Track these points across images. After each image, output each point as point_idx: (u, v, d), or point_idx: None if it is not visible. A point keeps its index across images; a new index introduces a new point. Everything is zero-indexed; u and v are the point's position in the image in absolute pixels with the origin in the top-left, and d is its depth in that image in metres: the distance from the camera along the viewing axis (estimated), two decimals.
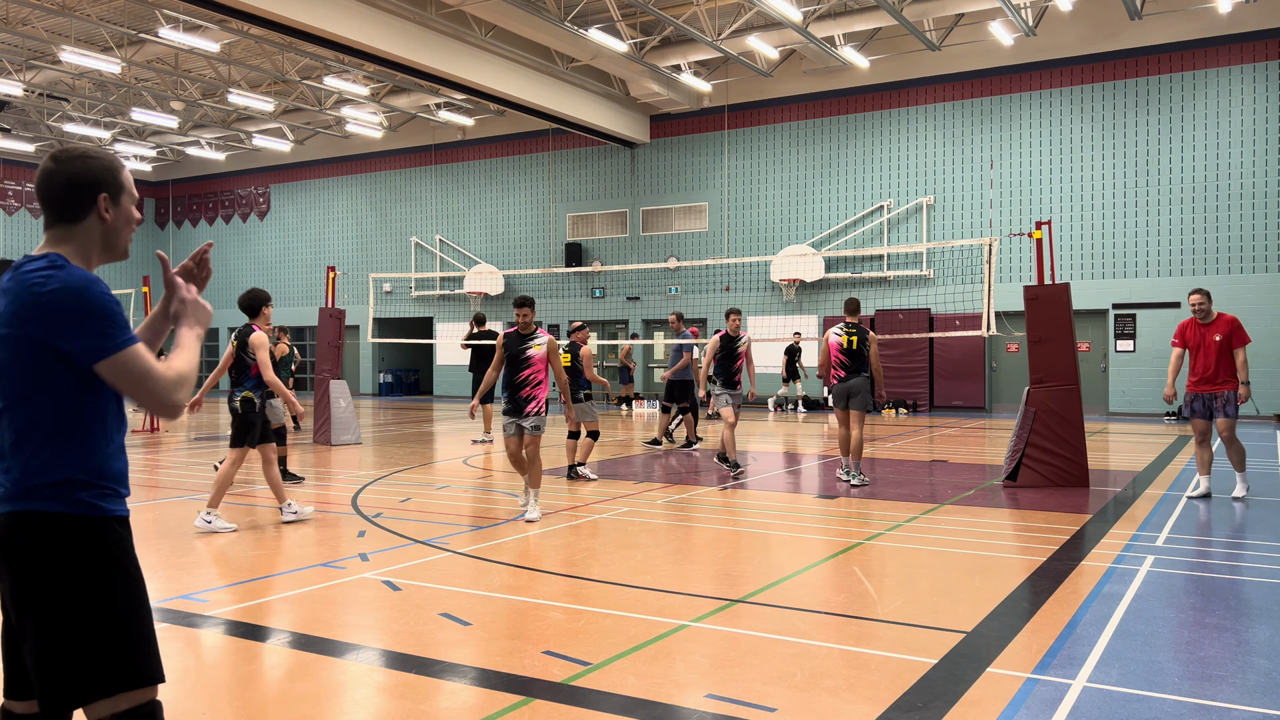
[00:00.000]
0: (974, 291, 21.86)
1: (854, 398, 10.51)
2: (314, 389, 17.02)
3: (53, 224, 2.47)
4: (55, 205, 2.45)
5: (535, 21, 20.04)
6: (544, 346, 8.58)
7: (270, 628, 5.25)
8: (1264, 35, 20.02)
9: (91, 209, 2.47)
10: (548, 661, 4.61)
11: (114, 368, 2.34)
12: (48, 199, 2.46)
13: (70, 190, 2.44)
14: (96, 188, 2.47)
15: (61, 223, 2.46)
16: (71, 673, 2.31)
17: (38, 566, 2.33)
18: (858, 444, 10.43)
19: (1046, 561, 6.69)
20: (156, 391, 2.39)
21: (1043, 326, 10.40)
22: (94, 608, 2.35)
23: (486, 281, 28.93)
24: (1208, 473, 9.47)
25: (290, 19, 17.74)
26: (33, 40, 22.25)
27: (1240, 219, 20.30)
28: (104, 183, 2.48)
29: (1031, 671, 4.43)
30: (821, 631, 5.14)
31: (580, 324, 11.96)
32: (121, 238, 2.54)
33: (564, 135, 28.34)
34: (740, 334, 11.48)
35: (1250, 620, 5.33)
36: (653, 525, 8.33)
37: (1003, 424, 19.46)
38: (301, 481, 11.03)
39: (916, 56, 23.09)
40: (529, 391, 8.53)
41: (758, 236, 25.63)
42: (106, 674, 2.34)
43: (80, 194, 2.45)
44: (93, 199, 2.47)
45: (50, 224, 2.48)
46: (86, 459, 2.40)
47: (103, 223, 2.49)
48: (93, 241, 2.49)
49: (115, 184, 2.50)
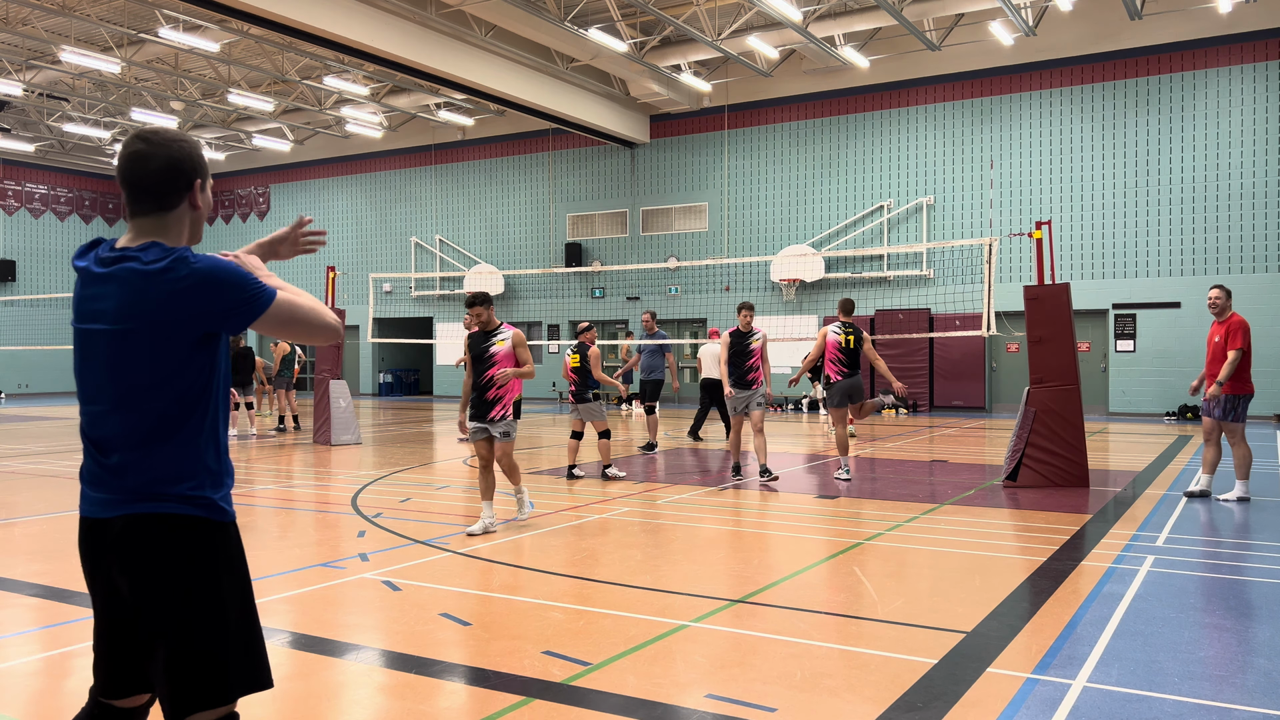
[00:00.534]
0: (974, 291, 21.86)
1: (855, 395, 10.92)
2: (314, 389, 17.01)
3: (145, 212, 2.31)
4: (151, 191, 2.30)
5: (535, 21, 20.04)
6: (509, 341, 7.99)
7: (270, 628, 5.25)
8: (1264, 35, 20.02)
9: (187, 194, 2.34)
10: (548, 661, 4.61)
11: (279, 310, 2.32)
12: (142, 185, 2.29)
13: (168, 175, 2.30)
14: (194, 172, 2.34)
15: (158, 210, 2.31)
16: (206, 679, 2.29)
17: (167, 573, 2.26)
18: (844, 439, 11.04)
19: (1046, 561, 6.69)
20: (317, 318, 2.39)
21: (1043, 326, 10.40)
22: (228, 614, 2.32)
23: (486, 281, 28.91)
24: (1210, 471, 9.45)
25: (290, 19, 17.73)
26: (33, 40, 22.25)
27: (1240, 219, 20.30)
28: (200, 167, 2.36)
29: (1031, 671, 4.43)
30: (821, 631, 5.14)
31: (587, 324, 11.95)
32: (202, 226, 2.44)
33: (564, 135, 28.34)
34: (753, 330, 10.91)
35: (1250, 620, 5.33)
36: (653, 525, 8.33)
37: (1003, 424, 19.46)
38: None
39: (916, 56, 23.09)
40: (495, 393, 7.93)
41: (758, 236, 25.62)
42: (236, 679, 2.33)
43: (178, 179, 2.31)
44: (189, 184, 2.33)
45: (140, 212, 2.31)
46: (208, 455, 2.34)
47: (194, 210, 2.37)
48: (184, 230, 2.37)
49: (206, 169, 2.39)
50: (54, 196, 34.64)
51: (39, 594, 6.02)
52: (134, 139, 2.33)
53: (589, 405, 11.32)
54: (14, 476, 10.88)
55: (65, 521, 8.50)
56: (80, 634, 5.15)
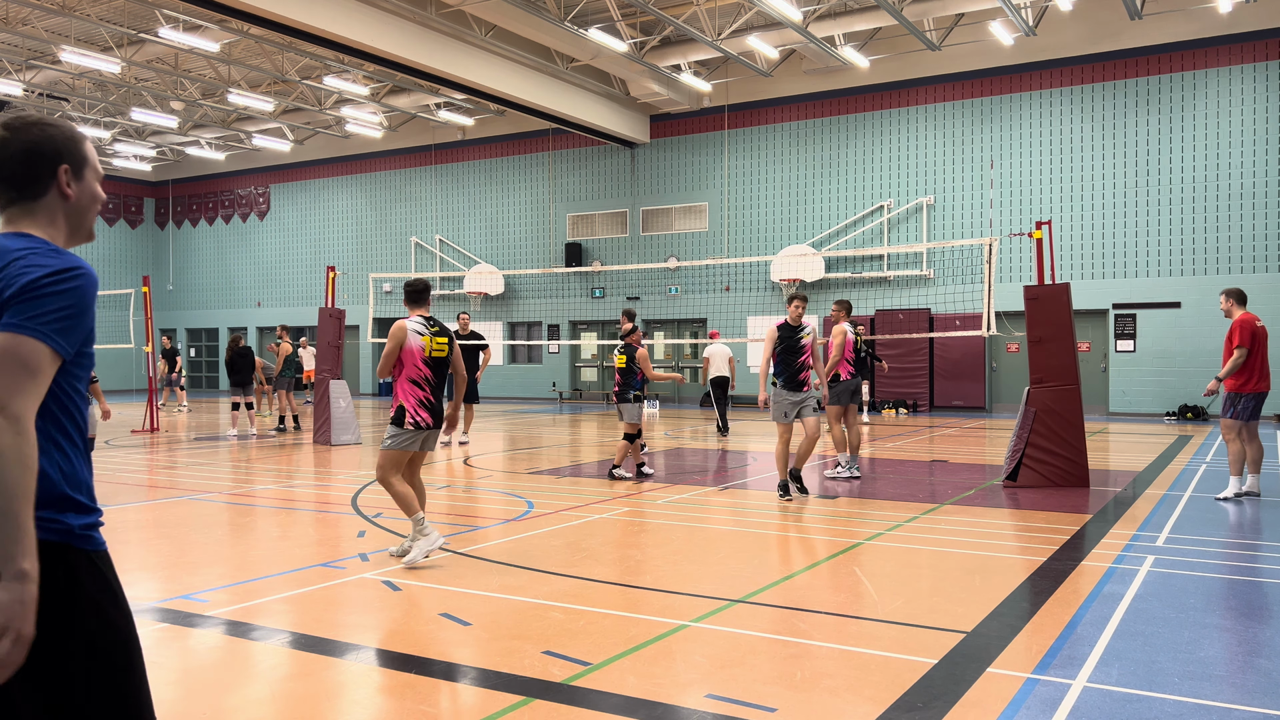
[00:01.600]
0: (974, 291, 21.86)
1: (856, 396, 11.16)
2: (314, 389, 17.02)
3: (10, 202, 2.16)
4: (12, 179, 2.14)
5: (535, 21, 20.05)
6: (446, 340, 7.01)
7: (270, 628, 5.25)
8: (1264, 35, 20.02)
9: (51, 183, 2.17)
10: (548, 661, 4.61)
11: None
12: (2, 172, 2.13)
13: (25, 161, 2.14)
14: (58, 158, 2.17)
15: (21, 200, 2.15)
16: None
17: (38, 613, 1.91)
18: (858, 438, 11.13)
19: (1047, 561, 6.69)
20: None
21: (1043, 326, 10.40)
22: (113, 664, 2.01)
23: (486, 281, 28.93)
24: (1239, 473, 9.39)
25: (290, 19, 17.74)
26: (33, 40, 22.25)
27: (1240, 219, 20.30)
28: (64, 153, 2.18)
29: (1032, 671, 4.43)
30: (821, 631, 5.14)
31: (631, 325, 11.82)
32: (88, 217, 2.24)
33: (564, 135, 28.34)
34: (804, 324, 9.74)
35: (1250, 620, 5.33)
36: (653, 525, 8.33)
37: (1003, 424, 19.46)
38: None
39: (916, 56, 23.09)
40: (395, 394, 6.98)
41: (758, 236, 25.62)
42: None
43: (37, 165, 2.15)
44: (52, 172, 2.16)
45: (7, 203, 2.16)
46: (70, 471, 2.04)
47: (64, 200, 2.19)
48: (57, 220, 2.19)
49: (78, 155, 2.20)
50: None
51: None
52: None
53: (629, 405, 11.31)
54: None
55: None
56: None
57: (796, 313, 9.66)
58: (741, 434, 17.15)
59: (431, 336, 6.86)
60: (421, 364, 6.81)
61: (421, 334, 6.83)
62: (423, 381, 6.84)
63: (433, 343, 6.85)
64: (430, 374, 6.85)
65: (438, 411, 6.88)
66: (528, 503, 9.42)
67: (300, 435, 17.05)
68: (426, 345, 6.83)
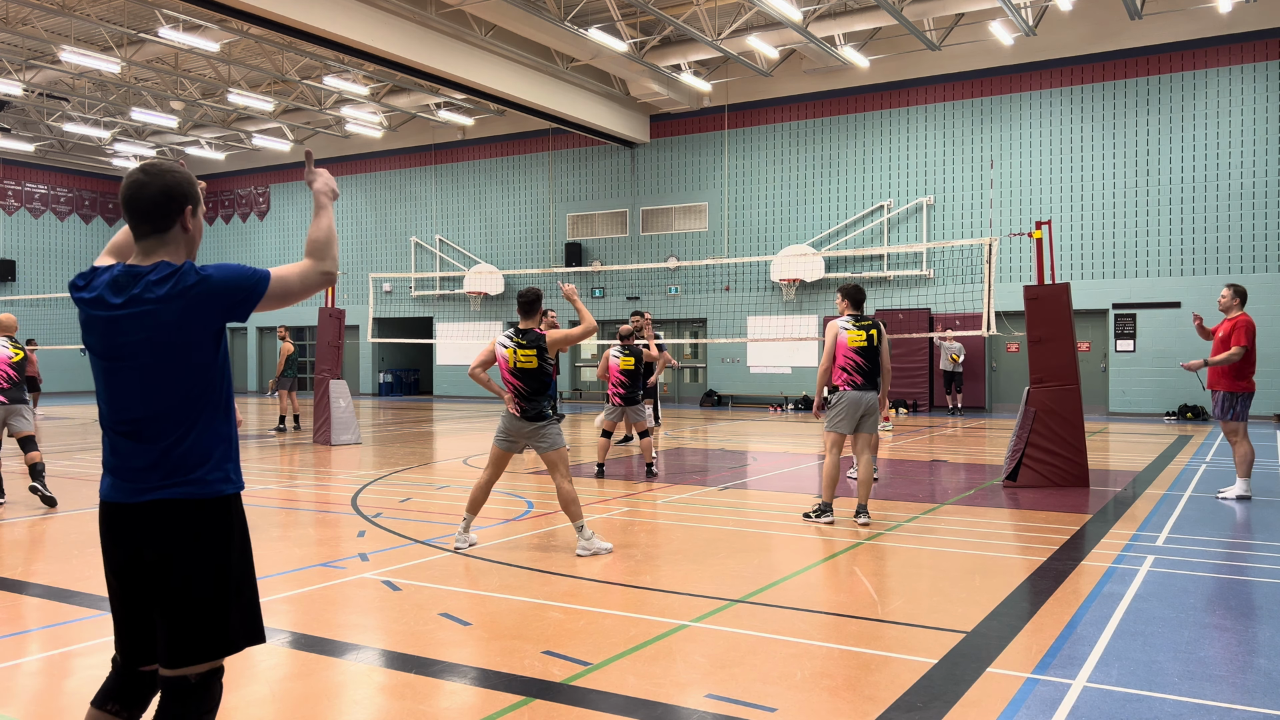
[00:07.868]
0: (974, 291, 21.86)
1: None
2: (314, 389, 17.01)
3: (146, 235, 2.69)
4: (148, 215, 2.67)
5: (535, 21, 20.04)
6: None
7: (270, 627, 5.24)
8: (1264, 35, 20.02)
9: (178, 219, 2.70)
10: (548, 661, 4.61)
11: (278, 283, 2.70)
12: (140, 209, 2.67)
13: (162, 201, 2.67)
14: (185, 199, 2.71)
15: (155, 233, 2.69)
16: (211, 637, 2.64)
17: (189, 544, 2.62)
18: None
19: (1046, 561, 6.69)
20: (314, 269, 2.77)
21: (1043, 326, 10.40)
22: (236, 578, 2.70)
23: (486, 281, 28.92)
24: (1245, 474, 9.34)
25: (290, 19, 17.74)
26: (33, 40, 22.24)
27: (1240, 219, 20.30)
28: (189, 194, 2.73)
29: (1031, 671, 4.43)
30: (821, 631, 5.14)
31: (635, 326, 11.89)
32: (197, 246, 2.81)
33: (564, 135, 28.34)
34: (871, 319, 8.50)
35: (1250, 620, 5.33)
36: (653, 525, 8.33)
37: (1003, 424, 19.46)
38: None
39: (916, 56, 23.09)
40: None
41: (758, 236, 25.62)
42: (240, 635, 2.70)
43: (170, 205, 2.68)
44: (180, 209, 2.70)
45: (143, 235, 2.69)
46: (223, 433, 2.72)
47: (185, 232, 2.73)
48: (181, 250, 2.73)
49: (196, 196, 2.75)
50: (54, 196, 34.65)
51: (41, 594, 6.03)
52: (135, 171, 2.72)
53: (638, 408, 11.43)
54: (15, 476, 10.88)
55: (68, 521, 8.50)
56: (81, 634, 5.16)
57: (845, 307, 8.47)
58: (740, 433, 17.16)
59: (516, 349, 7.19)
60: (509, 375, 7.22)
61: (506, 346, 7.24)
62: (514, 390, 7.21)
63: (517, 355, 7.18)
64: (519, 384, 7.18)
65: (531, 415, 7.18)
66: (528, 503, 9.42)
67: (300, 435, 17.04)
68: (510, 357, 7.20)
